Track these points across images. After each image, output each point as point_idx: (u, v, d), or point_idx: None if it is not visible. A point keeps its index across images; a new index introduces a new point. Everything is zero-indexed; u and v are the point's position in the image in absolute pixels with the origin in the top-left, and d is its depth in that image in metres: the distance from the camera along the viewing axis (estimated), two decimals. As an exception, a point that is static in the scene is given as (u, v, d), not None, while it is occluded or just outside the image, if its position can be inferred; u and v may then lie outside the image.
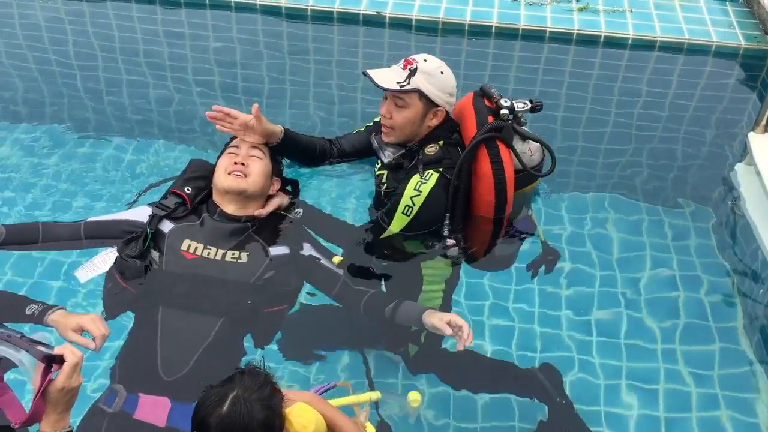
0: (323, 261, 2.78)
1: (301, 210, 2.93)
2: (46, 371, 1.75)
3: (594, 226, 3.45)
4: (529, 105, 2.94)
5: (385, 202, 2.95)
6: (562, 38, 4.91)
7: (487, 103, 2.94)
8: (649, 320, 3.05)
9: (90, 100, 4.28)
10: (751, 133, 3.76)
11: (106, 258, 2.74)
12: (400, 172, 2.91)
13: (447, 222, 2.87)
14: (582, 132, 4.13)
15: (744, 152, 3.83)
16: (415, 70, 2.79)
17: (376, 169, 3.10)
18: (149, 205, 2.84)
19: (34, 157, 3.72)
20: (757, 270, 3.28)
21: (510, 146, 2.88)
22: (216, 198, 2.81)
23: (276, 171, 2.94)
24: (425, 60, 2.83)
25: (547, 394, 2.73)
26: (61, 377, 1.77)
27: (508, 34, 4.94)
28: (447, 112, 2.91)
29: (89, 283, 2.83)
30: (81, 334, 2.29)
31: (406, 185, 2.81)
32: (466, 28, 4.96)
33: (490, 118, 2.87)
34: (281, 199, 2.91)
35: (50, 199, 3.44)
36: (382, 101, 2.90)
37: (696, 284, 3.22)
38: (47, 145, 3.81)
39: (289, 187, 3.04)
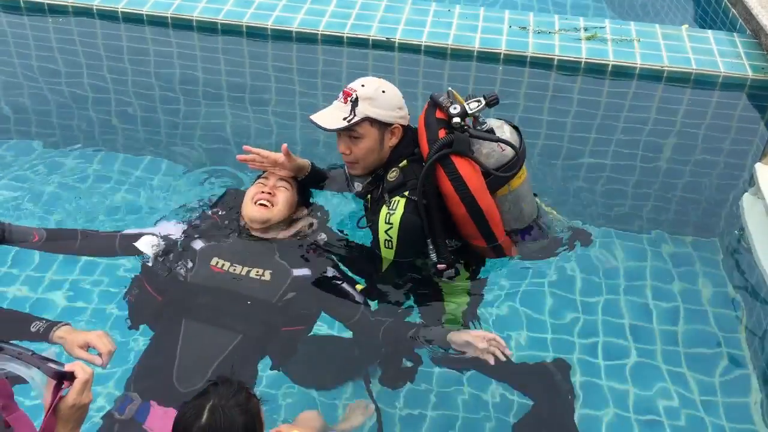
0: (345, 286, 2.81)
1: (324, 235, 2.96)
2: (57, 388, 1.77)
3: (599, 254, 3.45)
4: (483, 101, 2.75)
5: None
6: (569, 66, 4.94)
7: (438, 114, 2.79)
8: (655, 348, 3.06)
9: (99, 118, 4.33)
10: (758, 163, 3.75)
11: (151, 242, 2.82)
12: (376, 202, 2.86)
13: (431, 248, 2.79)
14: (588, 160, 4.15)
15: (751, 183, 3.84)
16: (356, 99, 2.72)
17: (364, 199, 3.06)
18: (182, 222, 2.96)
19: (63, 175, 3.78)
20: (761, 300, 3.28)
21: (466, 155, 2.73)
22: (243, 221, 2.91)
23: (302, 202, 3.01)
24: (363, 85, 2.75)
25: (554, 381, 2.76)
26: (71, 394, 1.78)
27: (516, 61, 4.97)
28: (403, 126, 2.82)
29: (94, 301, 2.87)
30: (87, 350, 2.31)
31: (378, 220, 2.76)
32: (475, 54, 5.00)
33: (441, 132, 2.73)
34: (306, 222, 2.97)
35: (80, 218, 3.48)
36: (338, 139, 2.83)
37: (701, 314, 3.23)
38: (78, 164, 3.88)
39: (318, 214, 3.09)
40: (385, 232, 2.74)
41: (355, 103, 2.72)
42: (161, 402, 2.42)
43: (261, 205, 2.84)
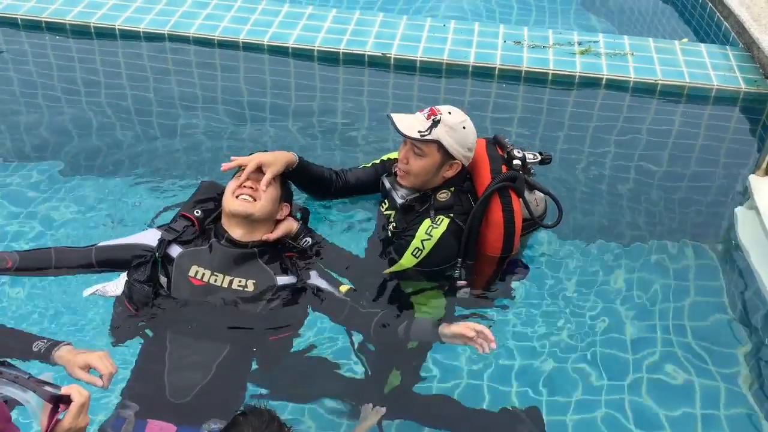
0: (330, 289, 2.80)
1: (309, 239, 2.95)
2: (54, 412, 1.77)
3: (595, 267, 3.47)
4: (539, 157, 3.02)
5: (392, 241, 2.99)
6: (564, 81, 4.98)
7: (499, 151, 3.02)
8: (651, 359, 3.07)
9: (96, 132, 4.34)
10: (752, 175, 3.78)
11: (117, 285, 2.79)
12: (411, 214, 2.96)
13: (459, 266, 2.92)
14: (583, 173, 4.17)
15: (745, 195, 3.86)
16: (438, 121, 2.83)
17: (383, 209, 3.13)
18: (159, 228, 2.87)
19: (38, 189, 3.78)
20: (757, 311, 3.29)
21: (521, 196, 2.95)
22: (224, 221, 2.82)
23: (285, 196, 2.97)
24: (450, 113, 2.87)
25: None
26: (68, 418, 1.78)
27: (511, 76, 5.01)
28: (462, 165, 2.95)
29: (97, 315, 2.88)
30: (88, 372, 2.29)
31: (418, 228, 2.86)
32: (470, 69, 5.03)
33: (504, 168, 2.95)
34: (290, 225, 2.92)
35: (60, 229, 3.48)
36: (402, 145, 2.96)
37: (697, 326, 3.22)
38: (52, 177, 3.88)
39: (298, 215, 3.06)
40: (421, 241, 2.85)
41: (435, 123, 2.83)
42: (155, 417, 2.42)
43: (243, 199, 2.78)
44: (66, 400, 1.79)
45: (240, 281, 2.70)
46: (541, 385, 2.94)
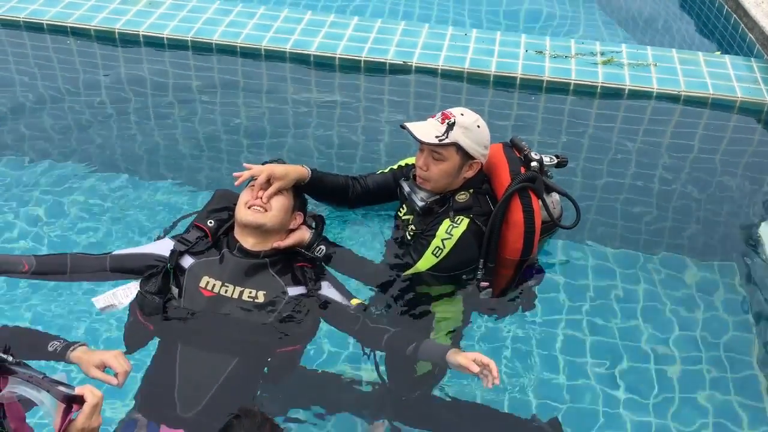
0: (342, 301, 2.79)
1: (323, 248, 2.94)
2: (67, 411, 1.77)
3: (617, 279, 3.45)
4: (556, 160, 3.05)
5: (410, 243, 3.00)
6: (586, 91, 4.95)
7: (516, 153, 3.04)
8: (672, 374, 3.05)
9: (119, 139, 4.38)
10: (776, 189, 3.75)
11: (127, 292, 2.78)
12: (430, 216, 2.97)
13: (481, 266, 2.93)
14: (604, 184, 4.14)
15: (768, 209, 3.83)
16: (453, 124, 2.86)
17: (401, 214, 3.14)
18: (173, 238, 2.88)
19: (59, 194, 3.81)
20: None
21: (540, 197, 2.95)
22: (236, 232, 2.83)
23: (298, 206, 2.96)
24: (462, 114, 2.90)
25: None
26: (81, 418, 1.79)
27: (532, 85, 4.99)
28: (481, 164, 2.98)
29: (112, 316, 2.89)
30: (103, 371, 2.32)
31: (438, 228, 2.88)
32: (491, 78, 5.02)
33: (522, 169, 2.97)
34: (303, 234, 2.92)
35: (77, 235, 3.51)
36: (419, 153, 2.97)
37: (720, 341, 3.20)
38: (74, 182, 3.91)
39: (313, 224, 3.06)
40: (442, 240, 2.87)
41: (451, 126, 2.86)
42: (166, 425, 2.43)
43: (255, 209, 2.78)
44: (79, 400, 1.79)
45: (251, 292, 2.70)
46: (561, 394, 2.93)
